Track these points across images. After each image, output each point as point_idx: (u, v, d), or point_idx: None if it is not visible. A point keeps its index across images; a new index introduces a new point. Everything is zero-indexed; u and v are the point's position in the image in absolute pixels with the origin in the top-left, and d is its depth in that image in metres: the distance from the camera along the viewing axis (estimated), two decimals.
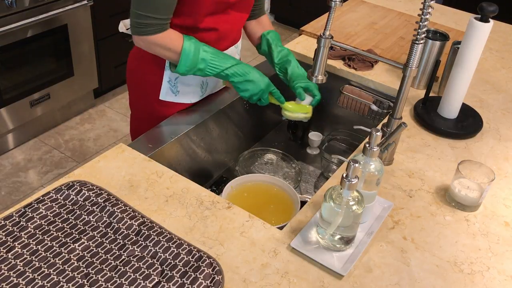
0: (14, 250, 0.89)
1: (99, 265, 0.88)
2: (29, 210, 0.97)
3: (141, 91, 1.39)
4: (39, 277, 0.85)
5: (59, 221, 0.96)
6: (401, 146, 1.29)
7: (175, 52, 1.20)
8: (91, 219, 0.97)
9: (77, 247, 0.91)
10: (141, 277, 0.86)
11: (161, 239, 0.93)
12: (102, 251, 0.91)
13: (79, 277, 0.85)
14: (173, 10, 1.19)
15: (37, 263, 0.87)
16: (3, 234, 0.92)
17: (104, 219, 0.97)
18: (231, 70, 1.24)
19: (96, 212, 0.98)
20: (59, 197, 1.01)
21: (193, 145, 1.35)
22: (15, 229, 0.93)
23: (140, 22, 1.16)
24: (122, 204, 1.00)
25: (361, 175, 0.98)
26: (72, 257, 0.89)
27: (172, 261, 0.90)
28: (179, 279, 0.86)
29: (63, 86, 2.71)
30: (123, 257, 0.90)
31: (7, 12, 2.25)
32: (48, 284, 0.84)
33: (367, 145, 0.98)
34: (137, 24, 1.17)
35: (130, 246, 0.92)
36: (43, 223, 0.95)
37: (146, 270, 0.87)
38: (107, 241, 0.93)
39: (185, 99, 1.38)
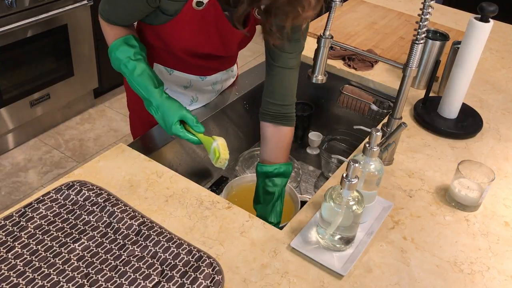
0: (14, 250, 0.89)
1: (99, 265, 0.88)
2: (29, 210, 0.97)
3: (136, 95, 1.39)
4: (39, 277, 0.85)
5: (59, 221, 0.96)
6: (401, 146, 1.29)
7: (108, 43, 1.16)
8: (91, 219, 0.97)
9: (77, 247, 0.91)
10: (141, 277, 0.86)
11: (161, 239, 0.93)
12: (102, 251, 0.91)
13: (79, 277, 0.85)
14: (130, 24, 1.17)
15: (37, 263, 0.87)
16: (3, 234, 0.92)
17: (104, 219, 0.97)
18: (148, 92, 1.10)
19: (96, 212, 0.98)
20: (59, 197, 1.01)
21: (193, 145, 1.35)
22: (15, 229, 0.93)
23: (105, 9, 1.14)
24: (122, 204, 1.00)
25: (361, 175, 0.98)
26: (72, 257, 0.89)
27: (172, 261, 0.90)
28: (179, 279, 0.86)
29: (63, 86, 2.71)
30: (123, 257, 0.90)
31: (7, 12, 2.25)
32: (48, 284, 0.84)
33: (367, 145, 0.97)
34: (101, 10, 1.15)
35: (130, 246, 0.92)
36: (43, 223, 0.95)
37: (146, 270, 0.87)
38: (107, 241, 0.93)
39: None
